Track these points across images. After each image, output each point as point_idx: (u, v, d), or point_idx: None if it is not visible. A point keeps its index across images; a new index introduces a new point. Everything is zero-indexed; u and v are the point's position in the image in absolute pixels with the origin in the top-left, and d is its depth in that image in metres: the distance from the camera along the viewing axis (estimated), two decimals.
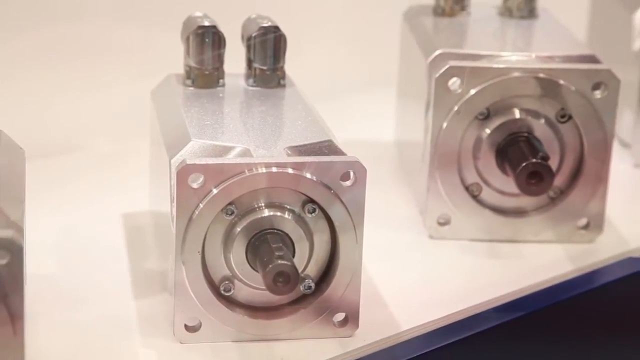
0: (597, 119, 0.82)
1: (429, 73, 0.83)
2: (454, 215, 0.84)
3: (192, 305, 0.70)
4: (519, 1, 0.92)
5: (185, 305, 0.70)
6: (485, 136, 0.82)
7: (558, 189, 0.84)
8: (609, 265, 0.83)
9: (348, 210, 0.71)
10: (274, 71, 0.80)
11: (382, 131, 1.00)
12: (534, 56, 0.84)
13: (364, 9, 1.12)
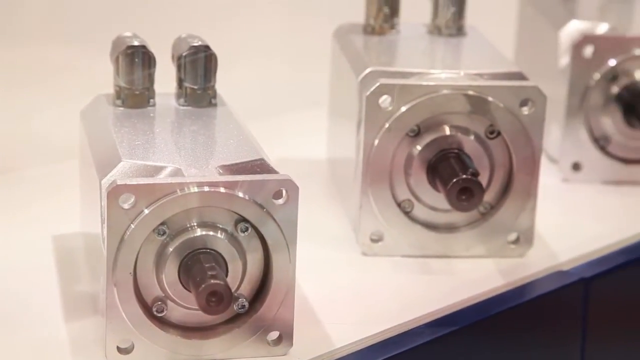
0: (525, 134, 0.81)
1: (360, 91, 0.83)
2: (386, 232, 0.83)
3: (124, 327, 0.68)
4: (447, 19, 0.91)
5: (117, 327, 0.68)
6: (416, 153, 0.82)
7: (488, 204, 0.83)
8: (539, 278, 0.82)
9: (281, 228, 0.70)
10: (205, 90, 0.79)
11: (315, 149, 1.00)
12: (463, 73, 0.83)
13: (295, 27, 1.11)
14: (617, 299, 0.87)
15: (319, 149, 0.99)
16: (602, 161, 0.96)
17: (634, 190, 0.96)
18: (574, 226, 0.90)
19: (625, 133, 0.96)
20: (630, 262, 0.86)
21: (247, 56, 1.09)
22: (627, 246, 0.88)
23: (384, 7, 0.91)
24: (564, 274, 0.83)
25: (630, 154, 0.97)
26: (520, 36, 1.09)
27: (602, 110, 0.95)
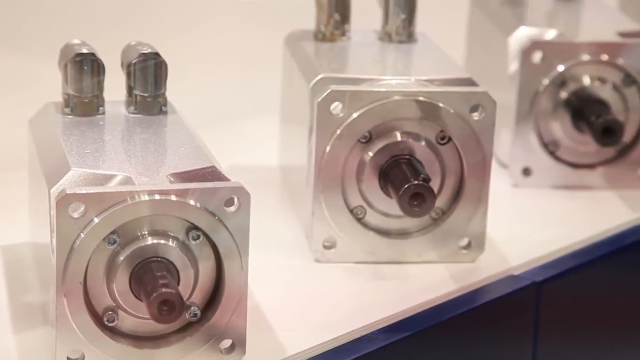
0: (476, 140, 0.81)
1: (311, 98, 0.82)
2: (339, 239, 0.82)
3: (75, 337, 0.67)
4: (397, 26, 0.91)
5: (67, 337, 0.67)
6: (368, 159, 0.81)
7: (440, 209, 0.83)
8: (491, 283, 0.82)
9: (233, 236, 0.69)
10: (155, 98, 0.78)
11: (266, 156, 0.99)
12: (414, 80, 0.83)
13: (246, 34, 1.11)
14: (568, 302, 0.86)
15: (271, 156, 0.98)
16: (552, 166, 0.96)
17: (584, 195, 0.96)
18: (524, 231, 0.90)
19: (574, 138, 0.96)
20: (581, 265, 0.86)
21: (197, 63, 1.08)
22: (578, 250, 0.88)
23: (335, 14, 0.91)
24: (516, 278, 0.83)
25: (579, 158, 0.97)
26: (470, 42, 1.09)
27: (551, 116, 0.95)
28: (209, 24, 1.09)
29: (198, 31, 1.08)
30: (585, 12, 1.04)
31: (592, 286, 0.88)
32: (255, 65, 1.11)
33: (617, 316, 0.91)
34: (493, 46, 1.01)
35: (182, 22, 1.07)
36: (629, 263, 0.90)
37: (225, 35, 1.10)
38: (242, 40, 1.11)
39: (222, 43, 1.10)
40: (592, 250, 0.88)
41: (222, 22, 1.10)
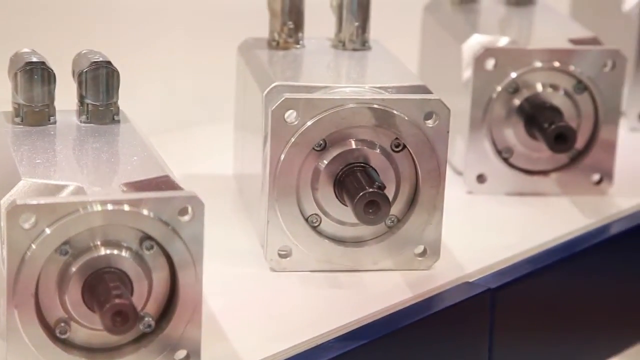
0: (430, 147, 0.81)
1: (265, 106, 0.81)
2: (294, 247, 0.81)
3: (26, 350, 0.65)
4: (351, 33, 0.90)
5: (19, 350, 0.65)
6: (322, 167, 0.81)
7: (395, 217, 0.82)
8: (447, 290, 0.82)
9: (187, 245, 0.68)
10: (107, 107, 0.77)
11: (221, 165, 0.98)
12: (368, 87, 0.83)
13: (199, 42, 1.10)
14: (523, 308, 0.86)
15: (226, 164, 0.97)
16: (506, 173, 0.96)
17: (537, 201, 0.96)
18: (479, 237, 0.90)
19: (527, 145, 0.96)
20: (535, 271, 0.86)
21: (150, 71, 1.06)
22: (532, 256, 0.88)
23: (288, 22, 0.90)
24: (471, 285, 0.83)
25: (533, 165, 0.96)
26: (423, 50, 1.09)
27: (505, 122, 0.95)
28: (162, 32, 1.08)
29: (151, 39, 1.07)
30: (538, 19, 1.04)
31: (547, 292, 0.88)
32: (209, 73, 1.10)
33: (571, 321, 0.91)
34: (446, 53, 1.01)
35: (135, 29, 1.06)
36: (583, 269, 0.90)
37: (178, 43, 1.09)
38: (195, 48, 1.10)
39: (176, 50, 1.09)
40: (546, 256, 0.88)
41: (175, 29, 1.09)
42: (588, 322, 0.92)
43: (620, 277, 0.94)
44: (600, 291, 0.92)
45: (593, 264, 0.91)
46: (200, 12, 1.09)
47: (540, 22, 1.04)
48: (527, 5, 1.05)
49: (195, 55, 1.10)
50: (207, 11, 1.09)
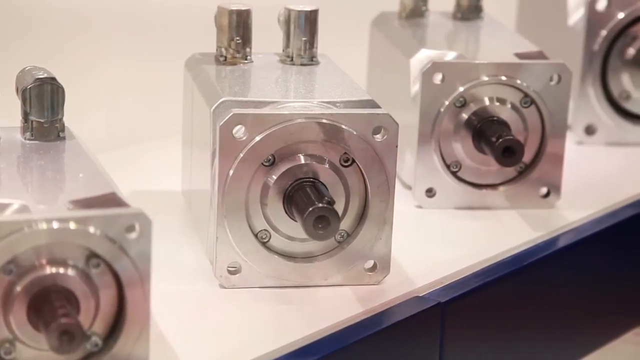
0: (379, 162, 0.80)
1: (213, 121, 0.80)
2: (244, 263, 0.80)
3: None
4: (299, 48, 0.90)
5: None
6: (271, 182, 0.80)
7: (344, 232, 0.82)
8: (397, 305, 0.81)
9: (134, 263, 0.66)
10: (52, 123, 0.75)
11: (169, 181, 0.96)
12: (316, 102, 0.82)
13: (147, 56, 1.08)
14: (473, 321, 0.86)
15: (174, 180, 0.95)
16: (455, 186, 0.96)
17: (486, 214, 0.96)
18: (429, 251, 0.89)
19: (475, 158, 0.95)
20: (484, 285, 0.85)
21: (96, 87, 1.05)
22: (481, 269, 0.87)
23: (236, 37, 0.89)
24: (421, 299, 0.82)
25: (481, 179, 0.96)
26: (371, 64, 1.08)
27: (453, 136, 0.95)
28: (108, 47, 1.06)
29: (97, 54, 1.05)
30: (484, 34, 1.04)
31: (496, 305, 0.87)
32: (156, 88, 1.08)
33: (521, 334, 0.90)
34: (394, 68, 1.00)
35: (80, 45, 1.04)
36: (532, 281, 0.90)
37: (125, 58, 1.08)
38: (142, 63, 1.08)
39: (122, 66, 1.08)
40: (495, 269, 0.87)
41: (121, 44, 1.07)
42: (538, 334, 0.92)
43: (569, 289, 0.94)
44: (549, 303, 0.92)
45: (542, 277, 0.91)
46: (147, 27, 1.08)
47: (487, 37, 1.04)
48: (474, 20, 1.05)
49: (142, 70, 1.08)
50: (154, 26, 1.08)
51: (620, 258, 0.98)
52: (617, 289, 0.99)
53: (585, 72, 1.09)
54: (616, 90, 1.10)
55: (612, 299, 0.99)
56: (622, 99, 1.11)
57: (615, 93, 1.10)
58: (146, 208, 0.67)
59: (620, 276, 0.99)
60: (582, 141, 1.11)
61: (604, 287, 0.97)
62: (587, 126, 1.10)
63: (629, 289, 1.00)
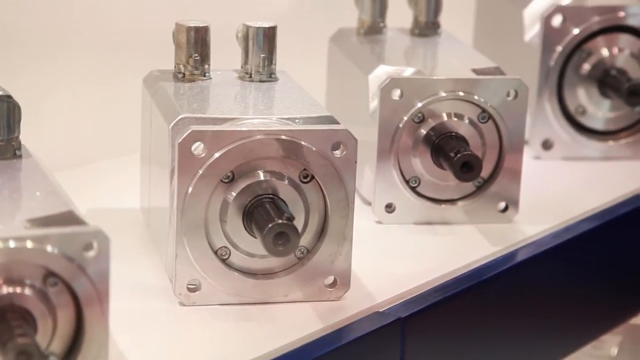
0: (338, 178, 0.80)
1: (172, 138, 0.80)
2: (203, 281, 0.79)
3: None
4: (257, 64, 0.89)
5: None
6: (231, 199, 0.79)
7: (304, 248, 0.81)
8: (357, 321, 0.80)
9: (93, 282, 0.65)
10: (9, 142, 0.74)
11: (128, 199, 0.95)
12: (275, 118, 0.81)
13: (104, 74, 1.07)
14: (433, 336, 0.85)
15: (133, 198, 0.94)
16: (414, 202, 0.95)
17: (445, 229, 0.95)
18: (389, 267, 0.89)
19: (434, 174, 0.95)
20: (444, 299, 0.85)
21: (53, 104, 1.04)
22: (441, 284, 0.87)
23: (194, 54, 0.88)
24: (381, 314, 0.82)
25: (440, 194, 0.96)
26: (330, 80, 1.08)
27: (412, 152, 0.95)
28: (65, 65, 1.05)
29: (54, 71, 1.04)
30: (442, 50, 1.04)
31: (456, 320, 0.87)
32: (114, 106, 1.07)
33: (480, 348, 0.90)
34: (353, 84, 1.00)
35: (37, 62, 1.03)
36: (491, 295, 0.90)
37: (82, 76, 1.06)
38: (100, 81, 1.07)
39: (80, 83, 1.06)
40: (455, 284, 0.87)
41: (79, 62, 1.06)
42: (498, 348, 0.91)
43: (527, 303, 0.94)
44: (507, 317, 0.92)
45: (500, 291, 0.91)
46: (104, 44, 1.07)
47: (444, 53, 1.04)
48: (432, 36, 1.05)
49: (99, 88, 1.07)
50: (111, 43, 1.07)
51: (578, 272, 0.99)
52: (574, 303, 0.99)
53: (541, 87, 1.09)
54: (572, 105, 1.11)
55: (571, 312, 0.99)
56: (578, 114, 1.11)
57: (571, 108, 1.11)
58: (104, 226, 0.66)
59: (577, 290, 0.99)
60: (539, 156, 1.11)
61: (562, 301, 0.98)
62: (544, 141, 1.10)
63: (586, 302, 1.00)
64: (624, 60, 1.10)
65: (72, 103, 1.06)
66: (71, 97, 1.06)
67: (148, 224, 0.92)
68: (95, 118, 1.08)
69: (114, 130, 1.07)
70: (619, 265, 1.02)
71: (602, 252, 1.00)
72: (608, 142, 1.11)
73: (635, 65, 1.10)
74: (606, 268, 1.01)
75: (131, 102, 0.96)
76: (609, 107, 1.10)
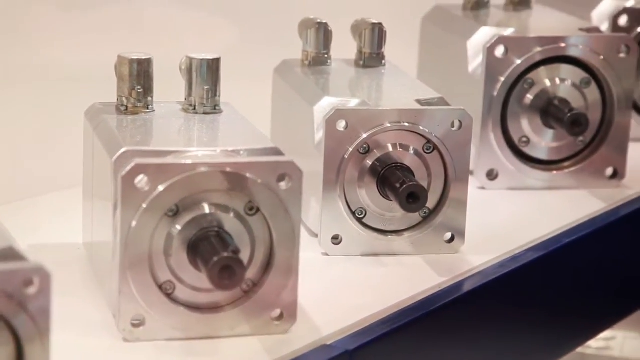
0: (284, 210, 0.79)
1: (115, 172, 0.78)
2: (148, 316, 0.78)
3: None
4: (201, 96, 0.88)
5: None
6: (176, 233, 0.78)
7: (251, 281, 0.80)
8: (305, 354, 0.79)
9: (33, 319, 0.64)
10: None
11: (70, 234, 0.93)
12: (220, 151, 0.81)
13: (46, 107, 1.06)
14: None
15: (75, 233, 0.92)
16: (360, 233, 0.95)
17: (392, 261, 0.94)
18: (336, 299, 0.88)
19: (380, 205, 0.95)
20: (392, 331, 0.84)
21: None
22: (388, 316, 0.86)
23: (137, 86, 0.87)
24: (329, 347, 0.80)
25: (387, 225, 0.95)
26: (275, 112, 1.07)
27: (358, 183, 0.94)
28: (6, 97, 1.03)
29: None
30: (386, 81, 1.04)
31: (404, 352, 0.86)
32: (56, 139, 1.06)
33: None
34: (298, 115, 0.99)
35: None
36: (438, 326, 0.89)
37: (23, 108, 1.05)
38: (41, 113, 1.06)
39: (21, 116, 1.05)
40: (402, 315, 0.86)
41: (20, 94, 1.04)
42: None
43: (474, 333, 0.93)
44: (455, 348, 0.91)
45: (448, 322, 0.90)
46: (46, 77, 1.05)
47: (389, 84, 1.03)
48: (376, 67, 1.05)
49: (41, 120, 1.06)
50: (53, 76, 1.06)
51: (524, 301, 0.98)
52: (522, 332, 0.99)
53: (485, 118, 1.09)
54: (516, 136, 1.11)
55: (517, 343, 0.98)
56: (522, 144, 1.11)
57: (515, 138, 1.11)
58: (46, 261, 0.64)
59: (523, 320, 0.99)
60: (484, 186, 1.11)
61: (510, 330, 0.97)
62: (489, 171, 1.10)
63: (533, 331, 1.00)
64: (566, 91, 1.10)
65: (14, 136, 1.04)
66: (13, 130, 1.04)
67: (91, 259, 0.90)
68: (37, 151, 1.06)
69: (56, 164, 1.05)
70: (565, 294, 1.02)
71: (548, 281, 1.00)
72: (552, 171, 1.11)
73: (577, 95, 1.10)
74: (552, 297, 1.01)
75: (74, 135, 0.95)
76: (552, 137, 1.11)
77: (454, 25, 1.18)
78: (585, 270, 1.04)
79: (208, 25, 1.19)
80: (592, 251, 1.04)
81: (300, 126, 0.99)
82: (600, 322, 1.09)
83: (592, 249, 1.04)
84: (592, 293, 1.05)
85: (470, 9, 1.20)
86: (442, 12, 1.21)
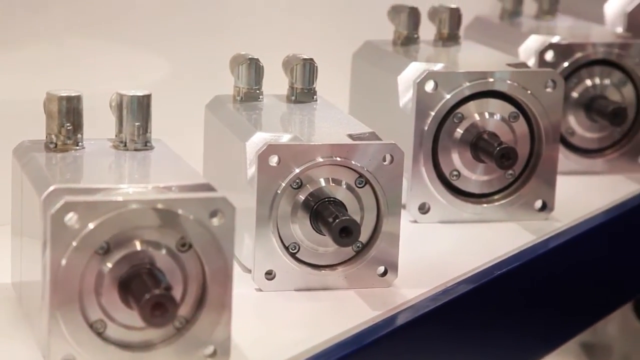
0: (217, 246, 0.78)
1: (44, 210, 0.77)
2: (78, 356, 0.76)
3: None
4: (132, 133, 0.87)
5: None
6: (106, 270, 0.76)
7: (183, 318, 0.79)
8: None
9: None
10: None
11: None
12: (151, 187, 0.79)
13: None
14: None
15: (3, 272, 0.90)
16: (294, 268, 0.93)
17: (326, 295, 0.93)
18: (269, 334, 0.87)
19: (313, 239, 0.94)
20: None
21: None
22: (322, 351, 0.85)
23: (66, 124, 0.86)
24: None
25: (320, 259, 0.94)
26: (207, 148, 1.06)
27: (291, 218, 0.93)
28: None
29: None
30: (318, 116, 1.03)
31: None
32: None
33: None
34: (230, 151, 0.98)
35: None
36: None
37: None
38: None
39: None
40: (335, 350, 0.85)
41: None
42: None
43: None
44: None
45: (381, 356, 0.89)
46: None
47: (321, 119, 1.03)
48: (308, 102, 1.05)
49: None
50: None
51: (457, 334, 0.98)
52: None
53: (416, 152, 1.09)
54: (447, 169, 1.11)
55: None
56: (452, 178, 1.11)
57: (446, 172, 1.11)
58: None
59: (458, 352, 0.98)
60: (416, 219, 1.10)
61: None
62: (421, 205, 1.10)
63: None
64: (495, 124, 1.10)
65: None
66: None
67: (20, 299, 0.88)
68: None
69: None
70: (497, 327, 1.02)
71: (481, 314, 1.00)
72: (482, 204, 1.11)
73: (506, 129, 1.10)
74: (485, 330, 1.01)
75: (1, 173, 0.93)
76: (482, 171, 1.11)
77: (384, 60, 1.18)
78: (516, 301, 1.04)
79: (139, 61, 1.17)
80: (523, 283, 1.04)
81: (232, 162, 0.98)
82: (533, 354, 1.09)
83: (523, 280, 1.04)
84: (524, 325, 1.05)
85: (400, 44, 1.20)
86: (373, 48, 1.21)
